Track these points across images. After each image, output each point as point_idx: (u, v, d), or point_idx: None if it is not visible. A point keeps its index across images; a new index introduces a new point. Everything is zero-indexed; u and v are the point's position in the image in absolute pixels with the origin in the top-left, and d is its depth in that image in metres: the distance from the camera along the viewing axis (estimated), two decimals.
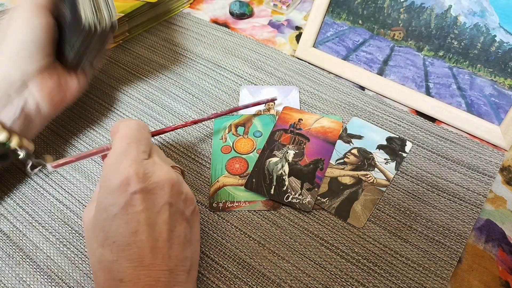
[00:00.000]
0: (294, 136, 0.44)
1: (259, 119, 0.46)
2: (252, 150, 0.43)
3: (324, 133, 0.44)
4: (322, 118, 0.46)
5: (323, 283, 0.34)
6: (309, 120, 0.45)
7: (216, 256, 0.35)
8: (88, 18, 0.37)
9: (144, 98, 0.49)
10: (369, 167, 0.41)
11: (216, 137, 0.45)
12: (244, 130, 0.45)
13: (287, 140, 0.43)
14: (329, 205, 0.38)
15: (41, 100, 0.37)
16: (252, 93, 0.50)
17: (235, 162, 0.42)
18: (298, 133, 0.44)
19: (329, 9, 0.53)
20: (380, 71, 0.50)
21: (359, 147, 0.43)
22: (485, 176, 0.41)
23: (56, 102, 0.39)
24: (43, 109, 0.38)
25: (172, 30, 0.59)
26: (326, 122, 0.45)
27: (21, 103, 0.36)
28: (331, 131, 0.44)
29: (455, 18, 0.45)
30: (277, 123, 0.45)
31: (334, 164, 0.42)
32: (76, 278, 0.34)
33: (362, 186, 0.40)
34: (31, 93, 0.37)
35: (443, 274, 0.34)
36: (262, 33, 0.60)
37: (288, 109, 0.47)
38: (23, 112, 0.36)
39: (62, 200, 0.39)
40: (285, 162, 0.41)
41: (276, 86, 0.51)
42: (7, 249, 0.36)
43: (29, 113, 0.37)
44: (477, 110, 0.46)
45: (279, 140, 0.43)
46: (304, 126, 0.45)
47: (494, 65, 0.44)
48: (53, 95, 0.38)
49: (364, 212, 0.38)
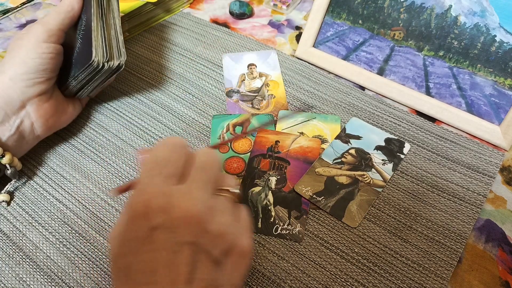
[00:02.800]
0: (274, 161, 0.42)
1: (257, 119, 0.46)
2: (250, 150, 0.43)
3: (304, 154, 0.42)
4: (299, 138, 0.44)
5: (323, 283, 0.34)
6: (286, 141, 0.43)
7: None
8: (98, 55, 0.38)
9: (144, 98, 0.49)
10: (366, 167, 0.41)
11: (214, 137, 0.45)
12: (242, 130, 0.45)
13: (266, 166, 0.41)
14: (325, 204, 0.38)
15: (36, 121, 0.39)
16: (234, 60, 0.53)
17: (233, 162, 0.42)
18: (277, 157, 0.42)
19: (329, 9, 0.53)
20: (380, 71, 0.50)
21: (357, 147, 0.43)
22: (485, 176, 0.41)
23: (51, 124, 0.40)
24: (37, 130, 0.39)
25: (172, 30, 0.59)
26: (304, 141, 0.43)
27: (17, 122, 0.37)
28: (310, 150, 0.43)
29: (455, 18, 0.45)
30: (254, 149, 0.43)
31: (331, 164, 0.42)
32: (76, 278, 0.34)
33: (358, 186, 0.40)
34: (28, 113, 0.38)
35: (443, 274, 0.34)
36: (262, 33, 0.60)
37: (263, 131, 0.44)
38: (18, 130, 0.38)
39: (62, 200, 0.39)
40: (268, 190, 0.39)
41: (256, 51, 0.55)
42: (7, 249, 0.36)
43: (23, 132, 0.38)
44: (477, 110, 0.46)
45: (259, 166, 0.41)
46: (282, 148, 0.43)
47: (494, 65, 0.44)
48: (48, 118, 0.40)
49: (359, 212, 0.38)
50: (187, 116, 0.47)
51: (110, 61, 0.39)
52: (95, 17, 0.38)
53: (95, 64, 0.38)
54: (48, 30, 0.37)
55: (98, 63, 0.38)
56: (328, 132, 0.45)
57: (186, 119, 0.47)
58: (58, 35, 0.38)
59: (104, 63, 0.38)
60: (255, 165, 0.41)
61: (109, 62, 0.39)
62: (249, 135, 0.44)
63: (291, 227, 0.37)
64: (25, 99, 0.37)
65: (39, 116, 0.38)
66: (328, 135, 0.45)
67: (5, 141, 0.37)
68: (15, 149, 0.38)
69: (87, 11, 0.39)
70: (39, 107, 0.38)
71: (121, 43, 0.40)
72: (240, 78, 0.51)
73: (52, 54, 0.37)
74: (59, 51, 0.38)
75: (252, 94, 0.49)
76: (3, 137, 0.37)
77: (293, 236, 0.36)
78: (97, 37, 0.38)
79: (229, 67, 0.53)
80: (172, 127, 0.46)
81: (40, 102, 0.38)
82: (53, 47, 0.38)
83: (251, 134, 0.44)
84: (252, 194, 0.39)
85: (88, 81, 0.40)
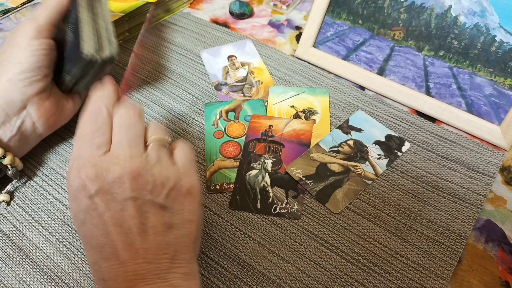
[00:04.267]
0: (268, 144, 0.43)
1: (248, 104, 0.47)
2: (244, 134, 0.44)
3: (297, 136, 0.44)
4: (292, 121, 0.45)
5: (323, 283, 0.34)
6: (279, 125, 0.45)
7: (216, 256, 0.35)
8: (88, 48, 0.37)
9: (144, 98, 0.49)
10: (361, 159, 0.42)
11: (208, 123, 0.46)
12: (235, 115, 0.46)
13: (261, 149, 0.43)
14: (312, 187, 0.39)
15: (38, 120, 0.38)
16: (213, 54, 0.54)
17: (228, 146, 0.43)
18: (272, 140, 0.43)
19: (329, 9, 0.53)
20: (380, 71, 0.50)
21: (356, 139, 0.44)
22: (485, 176, 0.41)
23: (52, 122, 0.40)
24: (39, 129, 0.39)
25: (172, 30, 0.59)
26: (297, 125, 0.45)
27: (18, 122, 0.37)
28: (303, 132, 0.44)
29: (455, 18, 0.45)
30: (248, 134, 0.44)
31: (327, 151, 0.42)
32: (76, 278, 0.34)
33: (349, 176, 0.40)
34: (29, 113, 0.38)
35: (443, 274, 0.34)
36: (262, 33, 0.60)
37: (256, 117, 0.46)
38: (20, 130, 0.38)
39: (62, 200, 0.39)
40: (264, 172, 0.40)
41: (232, 43, 0.56)
42: (7, 249, 0.36)
43: (25, 132, 0.38)
44: (477, 110, 0.46)
45: (254, 150, 0.42)
46: (276, 132, 0.44)
47: (494, 65, 0.44)
48: (49, 116, 0.39)
49: (343, 199, 0.39)
50: (187, 116, 0.47)
51: (100, 51, 0.38)
52: (83, 9, 0.38)
53: (85, 56, 0.37)
54: (37, 26, 0.37)
55: (89, 56, 0.37)
56: (317, 104, 0.48)
57: (186, 119, 0.47)
58: (49, 30, 0.38)
59: (95, 54, 0.38)
60: (251, 149, 0.43)
61: (100, 53, 0.38)
62: None
63: (289, 206, 0.38)
64: (25, 99, 0.37)
65: (40, 115, 0.38)
66: (318, 107, 0.47)
67: (7, 141, 0.37)
68: (17, 149, 0.38)
69: (75, 4, 0.38)
70: (39, 106, 0.38)
71: (111, 33, 0.39)
72: (224, 71, 0.52)
73: (45, 50, 0.37)
74: (51, 46, 0.38)
75: (240, 84, 0.51)
76: (4, 138, 0.37)
77: (291, 214, 0.38)
78: (86, 29, 0.37)
79: (210, 61, 0.53)
80: (172, 127, 0.46)
81: (40, 101, 0.38)
82: (45, 43, 0.37)
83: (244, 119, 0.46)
84: (250, 177, 0.40)
85: (83, 74, 0.40)
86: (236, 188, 0.39)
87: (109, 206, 0.26)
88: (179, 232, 0.28)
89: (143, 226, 0.27)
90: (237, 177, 0.40)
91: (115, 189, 0.26)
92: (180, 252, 0.27)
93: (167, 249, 0.27)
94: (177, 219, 0.28)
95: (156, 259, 0.26)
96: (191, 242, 0.28)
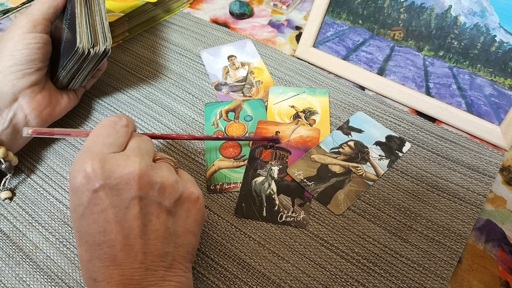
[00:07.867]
0: (275, 151, 0.42)
1: (248, 104, 0.47)
2: (244, 134, 0.44)
3: (304, 143, 0.43)
4: (299, 128, 0.45)
5: (323, 283, 0.34)
6: (286, 131, 0.44)
7: (216, 256, 0.35)
8: (83, 42, 0.37)
9: (144, 98, 0.49)
10: (362, 160, 0.42)
11: (208, 123, 0.46)
12: (235, 115, 0.46)
13: (268, 156, 0.42)
14: (313, 189, 0.39)
15: (30, 113, 0.38)
16: (213, 54, 0.54)
17: (228, 146, 0.43)
18: (278, 147, 0.43)
19: (329, 9, 0.53)
20: (380, 71, 0.50)
21: (356, 140, 0.44)
22: (485, 176, 0.41)
23: (45, 116, 0.40)
24: (31, 122, 0.39)
25: (172, 30, 0.59)
26: (304, 131, 0.44)
27: (10, 114, 0.37)
28: (310, 139, 0.43)
29: (455, 18, 0.45)
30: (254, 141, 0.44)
31: (328, 152, 0.42)
32: (76, 278, 0.34)
33: (350, 177, 0.40)
34: (21, 105, 0.38)
35: (443, 274, 0.34)
36: (262, 33, 0.60)
37: (263, 123, 0.45)
38: (11, 123, 0.37)
39: (62, 200, 0.39)
40: (271, 180, 0.40)
41: (232, 43, 0.56)
42: (7, 249, 0.36)
43: (17, 125, 0.38)
44: (477, 110, 0.46)
45: (260, 157, 0.42)
46: (283, 139, 0.43)
47: (494, 65, 0.44)
48: (42, 110, 0.39)
49: (345, 201, 0.38)
50: (187, 116, 0.47)
51: (95, 46, 0.38)
52: (78, 4, 0.38)
53: (80, 51, 0.37)
54: (32, 21, 0.37)
55: (83, 50, 0.37)
56: (317, 104, 0.47)
57: (186, 119, 0.47)
58: (44, 25, 0.38)
59: (90, 49, 0.38)
60: (257, 156, 0.42)
61: (95, 47, 0.38)
62: None
63: (295, 214, 0.38)
64: (16, 92, 0.37)
65: (33, 108, 0.38)
66: (318, 107, 0.47)
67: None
68: (10, 143, 0.38)
69: (72, 0, 0.39)
70: (31, 99, 0.38)
71: (106, 28, 0.40)
72: (224, 71, 0.52)
73: (39, 44, 0.37)
74: (46, 41, 0.38)
75: (240, 84, 0.50)
76: None
77: (297, 223, 0.37)
78: (81, 24, 0.38)
79: (210, 61, 0.53)
80: (172, 127, 0.46)
81: (32, 93, 0.38)
82: (39, 37, 0.37)
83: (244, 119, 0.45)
84: (256, 184, 0.40)
85: (77, 69, 0.40)
86: (241, 195, 0.39)
87: (113, 203, 0.25)
88: (180, 241, 0.27)
89: (145, 228, 0.26)
90: (242, 183, 0.40)
91: (122, 185, 0.26)
92: (177, 262, 0.27)
93: (165, 257, 0.26)
94: (180, 227, 0.28)
95: (153, 266, 0.25)
96: (189, 253, 0.28)
